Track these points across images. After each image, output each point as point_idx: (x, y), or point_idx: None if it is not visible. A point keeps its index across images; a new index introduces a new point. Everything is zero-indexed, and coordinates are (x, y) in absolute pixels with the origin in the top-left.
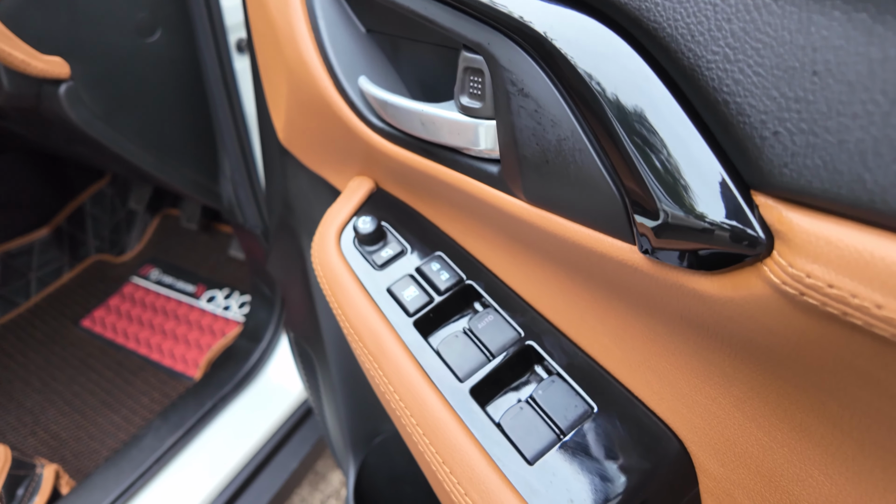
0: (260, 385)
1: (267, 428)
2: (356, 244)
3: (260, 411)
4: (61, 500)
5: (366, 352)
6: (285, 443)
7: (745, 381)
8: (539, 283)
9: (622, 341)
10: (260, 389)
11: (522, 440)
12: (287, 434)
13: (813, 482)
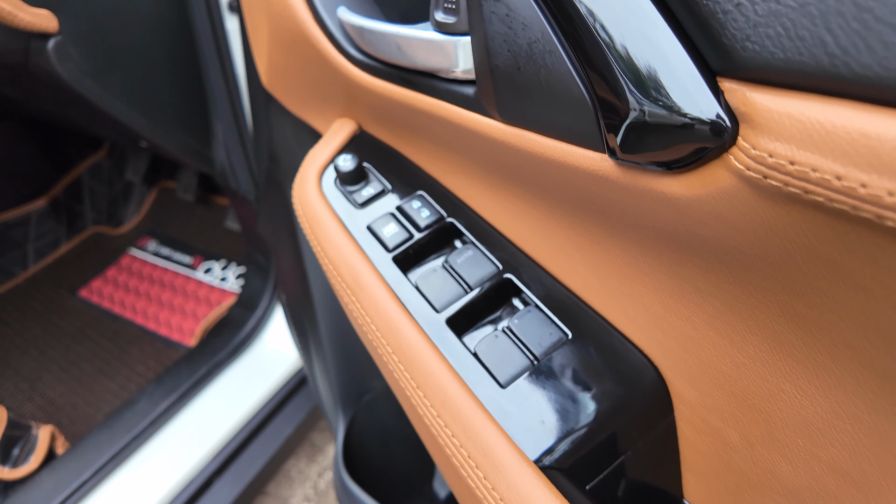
0: (254, 353)
1: (261, 395)
2: (337, 184)
3: (254, 378)
4: (56, 459)
5: (344, 286)
6: (280, 410)
7: (718, 294)
8: (518, 217)
9: (598, 269)
10: (254, 357)
11: (496, 365)
12: (282, 401)
13: (785, 396)
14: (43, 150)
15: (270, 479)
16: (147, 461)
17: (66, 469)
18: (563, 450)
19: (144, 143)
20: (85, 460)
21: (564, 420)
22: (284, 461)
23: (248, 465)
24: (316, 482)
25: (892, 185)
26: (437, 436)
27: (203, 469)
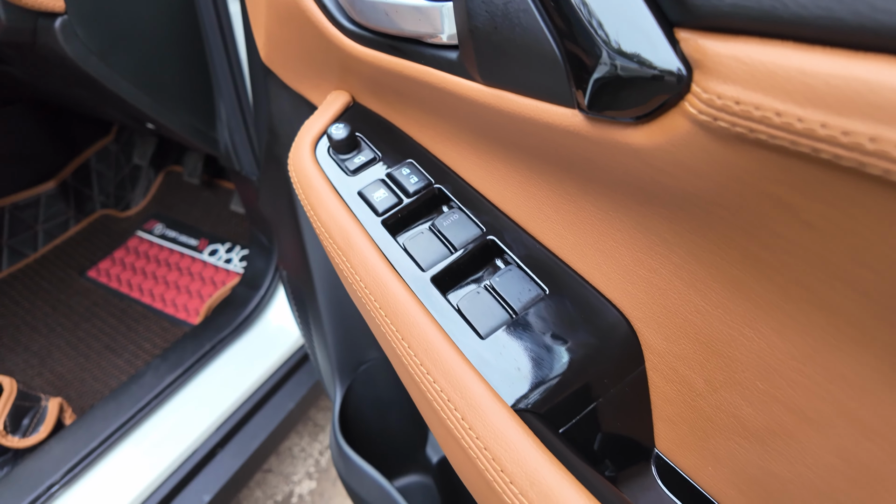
0: (257, 330)
1: (264, 370)
2: (330, 152)
3: (257, 355)
4: (64, 429)
5: (335, 247)
6: (282, 385)
7: (683, 244)
8: (502, 181)
9: (574, 227)
10: (257, 334)
11: (477, 319)
12: (284, 377)
13: (745, 341)
14: (52, 133)
15: (273, 452)
16: (152, 432)
17: (73, 438)
18: (538, 395)
19: (151, 124)
20: (92, 430)
21: (539, 368)
22: (286, 436)
23: (250, 438)
24: (318, 459)
25: (826, 118)
26: (420, 382)
27: (207, 440)
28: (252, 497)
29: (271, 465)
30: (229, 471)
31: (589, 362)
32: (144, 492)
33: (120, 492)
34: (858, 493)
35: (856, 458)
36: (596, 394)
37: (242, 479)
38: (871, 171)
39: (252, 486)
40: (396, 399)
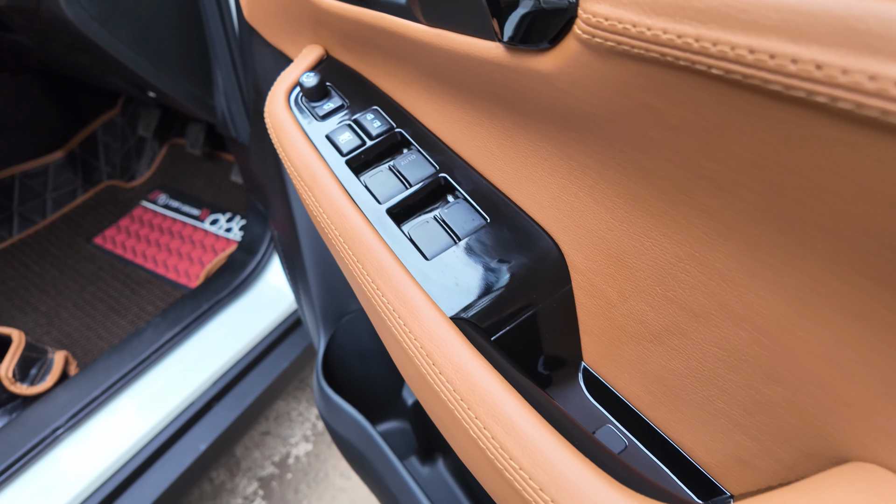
0: (254, 293)
1: (259, 330)
2: (302, 100)
3: (253, 316)
4: (69, 379)
5: (303, 184)
6: (277, 345)
7: (593, 165)
8: (454, 124)
9: (513, 161)
10: (254, 297)
11: (424, 244)
12: (279, 338)
13: (644, 249)
14: (61, 105)
15: (266, 408)
16: (152, 384)
17: (77, 388)
18: (473, 307)
19: (152, 93)
20: (95, 380)
21: (476, 285)
22: (280, 394)
23: (245, 393)
24: (315, 423)
25: (666, 25)
26: (372, 298)
27: (204, 393)
28: (251, 457)
29: (270, 427)
30: (224, 422)
31: (520, 280)
32: (144, 438)
33: (120, 437)
34: (735, 377)
35: (731, 346)
36: (526, 308)
37: (237, 432)
38: (714, 73)
39: (251, 447)
40: (376, 349)
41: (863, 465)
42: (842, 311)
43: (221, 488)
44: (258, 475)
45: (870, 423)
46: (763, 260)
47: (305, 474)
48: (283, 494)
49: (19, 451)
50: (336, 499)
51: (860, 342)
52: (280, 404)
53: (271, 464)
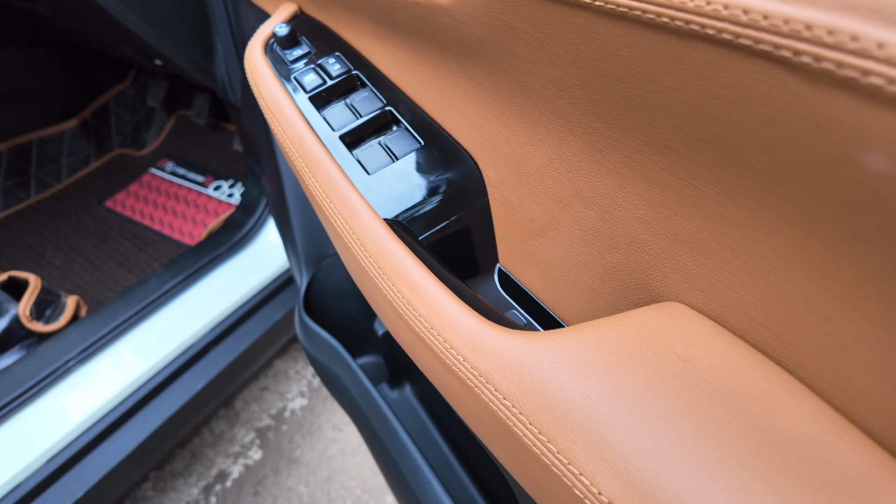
0: (250, 250)
1: (255, 284)
2: (275, 48)
3: (250, 270)
4: (80, 320)
5: (272, 117)
6: (271, 298)
7: (491, 87)
8: (398, 64)
9: (442, 92)
10: (251, 253)
11: (367, 162)
12: (273, 292)
13: (530, 156)
14: (76, 76)
15: (259, 357)
16: (155, 326)
17: (87, 327)
18: (404, 212)
19: (159, 60)
20: (103, 321)
21: (408, 195)
22: (274, 344)
23: (239, 340)
24: (310, 381)
25: None
26: (324, 206)
27: (202, 338)
28: (249, 410)
29: (268, 384)
30: (220, 365)
31: (444, 192)
32: (146, 374)
33: (126, 372)
34: (590, 251)
35: (586, 225)
36: (449, 216)
37: (232, 375)
38: None
39: (250, 402)
40: (352, 289)
41: (666, 303)
42: (642, 177)
43: (221, 437)
44: (256, 426)
45: (669, 267)
46: (595, 146)
47: (300, 426)
48: (278, 444)
49: (34, 379)
50: (328, 449)
51: (655, 200)
52: (278, 363)
53: (268, 416)
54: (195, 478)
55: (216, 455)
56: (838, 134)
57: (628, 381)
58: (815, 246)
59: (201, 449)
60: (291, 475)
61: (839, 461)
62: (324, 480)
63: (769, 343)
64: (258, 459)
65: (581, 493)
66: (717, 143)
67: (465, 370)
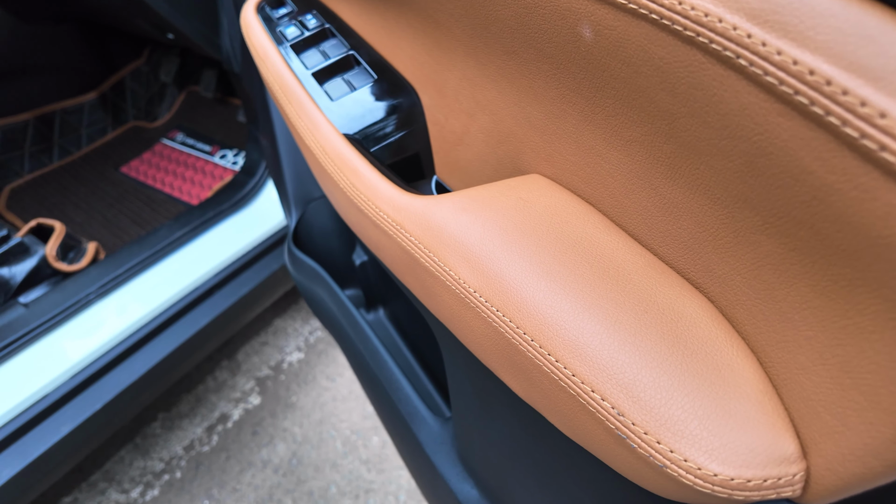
0: (251, 207)
1: (256, 236)
2: (266, 8)
3: (251, 224)
4: (99, 261)
5: (261, 61)
6: (269, 251)
7: (420, 26)
8: (360, 16)
9: (391, 36)
10: (252, 210)
11: (332, 92)
12: (271, 245)
13: (447, 80)
14: (96, 52)
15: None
16: (166, 269)
17: (105, 267)
18: (360, 129)
19: (171, 34)
20: (120, 263)
21: (362, 116)
22: (270, 292)
23: (240, 286)
24: (307, 338)
25: None
26: (297, 124)
27: (206, 282)
28: (250, 361)
29: (268, 339)
30: (222, 306)
31: (391, 115)
32: (157, 309)
33: (139, 307)
34: (488, 150)
35: (484, 128)
36: (394, 133)
37: (232, 315)
38: None
39: (251, 354)
40: (337, 228)
41: (529, 175)
42: (508, 81)
43: (223, 384)
44: (255, 375)
45: (530, 148)
46: (481, 61)
47: (296, 376)
48: (275, 391)
49: (59, 308)
50: (321, 396)
51: (515, 97)
52: (278, 321)
53: (267, 367)
54: (199, 419)
55: (219, 400)
56: (570, 18)
57: (485, 212)
58: (585, 104)
59: (205, 394)
60: (287, 418)
61: (599, 242)
62: (316, 422)
63: (578, 186)
64: (257, 404)
65: (451, 285)
66: (531, 41)
67: (388, 223)
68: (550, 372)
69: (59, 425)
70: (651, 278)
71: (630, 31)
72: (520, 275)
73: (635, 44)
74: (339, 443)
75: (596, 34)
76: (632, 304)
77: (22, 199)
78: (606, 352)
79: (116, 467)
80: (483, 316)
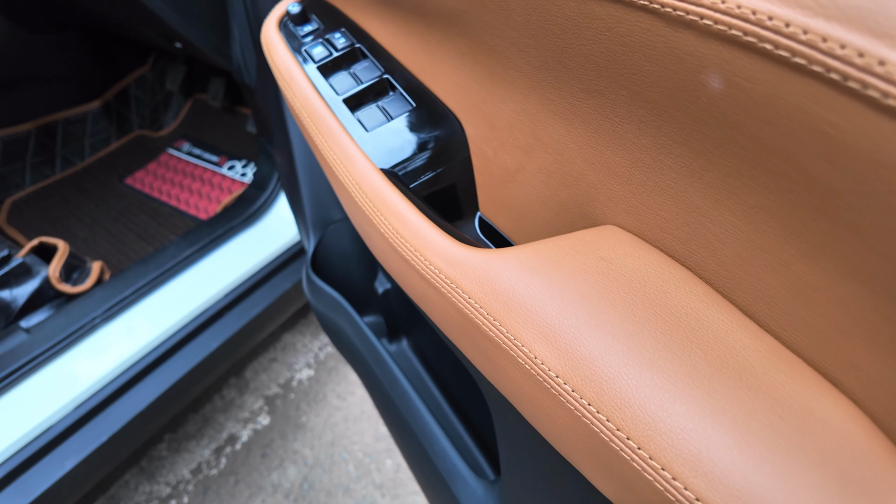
0: (262, 223)
1: (267, 255)
2: (288, 24)
3: (262, 242)
4: (104, 283)
5: (286, 84)
6: (281, 270)
7: (469, 52)
8: (394, 36)
9: (430, 59)
10: (263, 227)
11: (366, 121)
12: (283, 263)
13: (501, 112)
14: (99, 59)
15: (268, 323)
16: (173, 290)
17: (111, 289)
18: (397, 165)
19: (179, 43)
20: (126, 284)
21: (400, 148)
22: (283, 311)
23: (252, 306)
24: (317, 354)
25: None
26: (328, 157)
27: (216, 302)
28: (258, 379)
29: (277, 355)
30: (233, 328)
31: (432, 147)
32: (166, 333)
33: (147, 331)
34: (548, 190)
35: (544, 167)
36: (435, 167)
37: (243, 338)
38: None
39: (259, 371)
40: (357, 252)
41: (603, 226)
42: (581, 120)
43: (231, 404)
44: (264, 394)
45: (605, 196)
46: (548, 97)
47: (306, 395)
48: (285, 410)
49: (63, 333)
50: (332, 416)
51: (592, 139)
52: (286, 336)
53: (277, 385)
54: (207, 440)
55: (227, 420)
56: (690, 63)
57: (561, 276)
58: (694, 158)
59: (213, 414)
60: (297, 439)
61: (710, 323)
62: (328, 444)
63: (673, 246)
64: (266, 424)
65: (523, 361)
66: (626, 82)
67: (440, 280)
68: (664, 490)
69: (63, 460)
70: (779, 371)
71: (785, 87)
72: (617, 362)
73: (791, 104)
74: (351, 466)
75: (729, 85)
76: (763, 407)
77: (23, 212)
78: (740, 473)
79: (121, 492)
80: (568, 407)
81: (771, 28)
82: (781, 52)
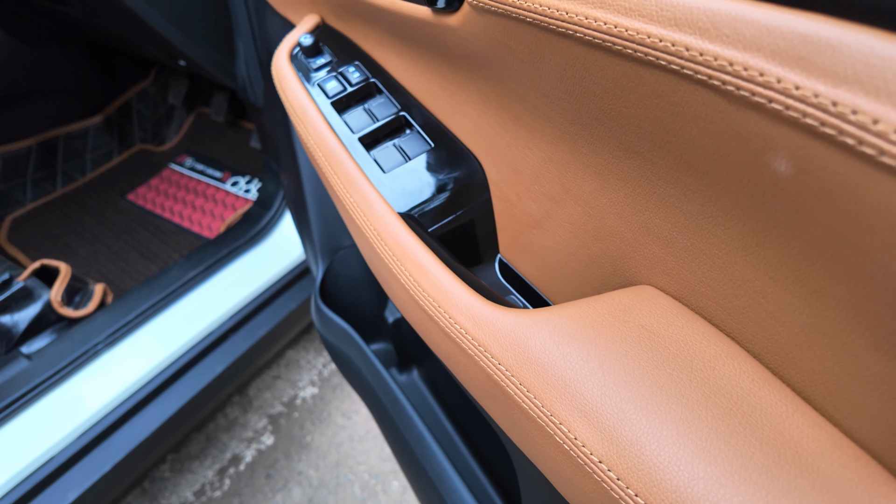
0: (267, 243)
1: (272, 275)
2: (300, 56)
3: (267, 262)
4: (107, 306)
5: (298, 118)
6: (286, 290)
7: (493, 96)
8: (413, 73)
9: (450, 99)
10: (267, 246)
11: (383, 162)
12: (288, 283)
13: (527, 158)
14: (101, 73)
15: (274, 345)
16: (177, 313)
17: (114, 312)
18: (415, 207)
19: (183, 61)
20: (129, 307)
21: (419, 191)
22: (289, 332)
23: (257, 328)
24: (321, 371)
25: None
26: (344, 200)
27: (221, 325)
28: (262, 397)
29: (280, 373)
30: (238, 351)
31: (452, 189)
32: (170, 357)
33: (151, 355)
34: (578, 241)
35: (573, 218)
36: (455, 210)
37: (249, 361)
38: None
39: (263, 389)
40: (366, 279)
41: (639, 286)
42: (618, 178)
43: (235, 423)
44: (268, 413)
45: (642, 255)
46: (580, 150)
47: (310, 413)
48: (289, 430)
49: (66, 360)
50: (337, 435)
51: (629, 197)
52: (290, 353)
53: (280, 403)
54: (210, 460)
55: (230, 439)
56: (754, 143)
57: (601, 346)
58: (749, 233)
59: (216, 433)
60: (302, 459)
61: (765, 406)
62: (333, 465)
63: (719, 316)
64: (270, 444)
65: (561, 440)
66: (673, 149)
67: (467, 341)
68: None
69: (66, 491)
70: (845, 468)
71: (870, 185)
72: (667, 451)
73: (876, 201)
74: (357, 488)
75: (800, 172)
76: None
77: (24, 229)
78: None
79: None
80: (612, 496)
81: (855, 123)
82: (866, 149)
